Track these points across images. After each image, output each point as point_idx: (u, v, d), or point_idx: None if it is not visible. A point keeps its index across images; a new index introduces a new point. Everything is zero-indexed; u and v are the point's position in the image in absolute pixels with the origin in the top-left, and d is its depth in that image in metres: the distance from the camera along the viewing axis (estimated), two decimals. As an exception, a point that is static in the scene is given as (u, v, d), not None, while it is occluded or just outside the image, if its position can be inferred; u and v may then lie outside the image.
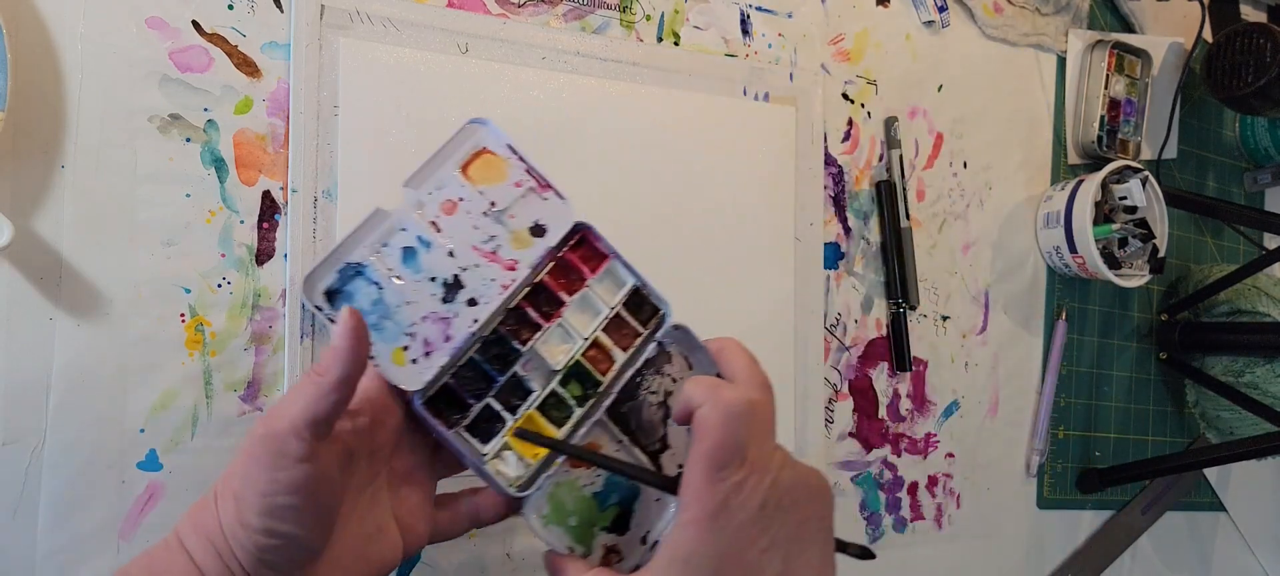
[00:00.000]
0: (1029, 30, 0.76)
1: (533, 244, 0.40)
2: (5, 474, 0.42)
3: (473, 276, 0.39)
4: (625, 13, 0.59)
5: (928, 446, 0.70)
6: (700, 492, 0.33)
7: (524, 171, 0.40)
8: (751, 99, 0.63)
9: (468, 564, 0.53)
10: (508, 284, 0.39)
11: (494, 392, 0.39)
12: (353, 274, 0.38)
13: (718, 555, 0.33)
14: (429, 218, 0.39)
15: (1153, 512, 0.83)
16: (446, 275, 0.39)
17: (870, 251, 0.68)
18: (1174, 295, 0.84)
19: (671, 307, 0.42)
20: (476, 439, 0.39)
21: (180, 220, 0.46)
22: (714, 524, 0.33)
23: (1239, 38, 0.76)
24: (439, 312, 0.38)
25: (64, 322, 0.44)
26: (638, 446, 0.41)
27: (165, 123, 0.46)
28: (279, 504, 0.32)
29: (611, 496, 0.41)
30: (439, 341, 0.38)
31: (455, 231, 0.39)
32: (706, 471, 0.33)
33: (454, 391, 0.39)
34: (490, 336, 0.40)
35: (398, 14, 0.51)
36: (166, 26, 0.46)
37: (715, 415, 0.33)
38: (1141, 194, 0.74)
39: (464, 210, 0.39)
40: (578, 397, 0.41)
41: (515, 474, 0.39)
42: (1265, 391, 0.76)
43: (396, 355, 0.38)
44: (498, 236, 0.40)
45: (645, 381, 0.41)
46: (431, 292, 0.38)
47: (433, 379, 0.38)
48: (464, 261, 0.39)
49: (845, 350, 0.67)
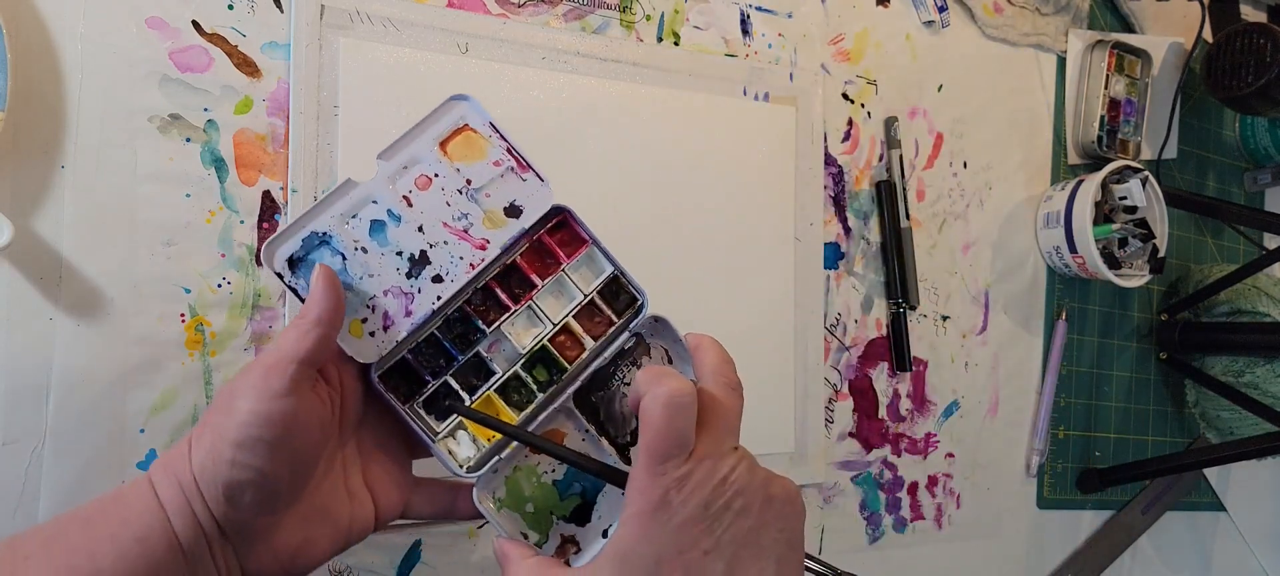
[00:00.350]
0: (1029, 30, 0.76)
1: (506, 224, 0.39)
2: (5, 474, 0.42)
3: (440, 253, 0.38)
4: (625, 13, 0.59)
5: (928, 446, 0.70)
6: (642, 485, 0.32)
7: (504, 150, 0.39)
8: (751, 99, 0.63)
9: (468, 563, 0.53)
10: (476, 263, 0.39)
11: (452, 372, 0.39)
12: (317, 243, 0.37)
13: (656, 553, 0.31)
14: (402, 192, 0.38)
15: (1153, 512, 0.83)
16: (413, 250, 0.38)
17: (870, 251, 0.68)
18: (1174, 295, 0.84)
19: (650, 299, 0.41)
20: (432, 417, 0.39)
21: (180, 220, 0.46)
22: (653, 519, 0.31)
23: (1239, 38, 0.76)
24: (402, 287, 0.38)
25: (64, 322, 0.44)
26: (605, 437, 0.40)
27: (165, 123, 0.46)
28: (253, 435, 0.32)
29: (573, 486, 0.40)
30: (399, 316, 0.38)
31: (427, 207, 0.38)
32: (648, 463, 0.32)
33: (413, 368, 0.39)
34: (454, 315, 0.39)
35: (398, 14, 0.51)
36: (166, 26, 0.46)
37: (656, 404, 0.32)
38: (1141, 194, 0.74)
39: (438, 186, 0.39)
40: (541, 382, 0.40)
41: (467, 455, 0.38)
42: (1265, 391, 0.76)
43: (354, 327, 0.37)
44: (470, 215, 0.39)
45: (620, 372, 0.40)
46: (396, 266, 0.38)
47: (388, 353, 0.38)
48: (433, 238, 0.38)
49: (845, 350, 0.67)
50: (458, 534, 0.52)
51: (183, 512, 0.33)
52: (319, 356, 0.34)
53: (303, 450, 0.34)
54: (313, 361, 0.34)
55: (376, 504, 0.39)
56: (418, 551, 0.51)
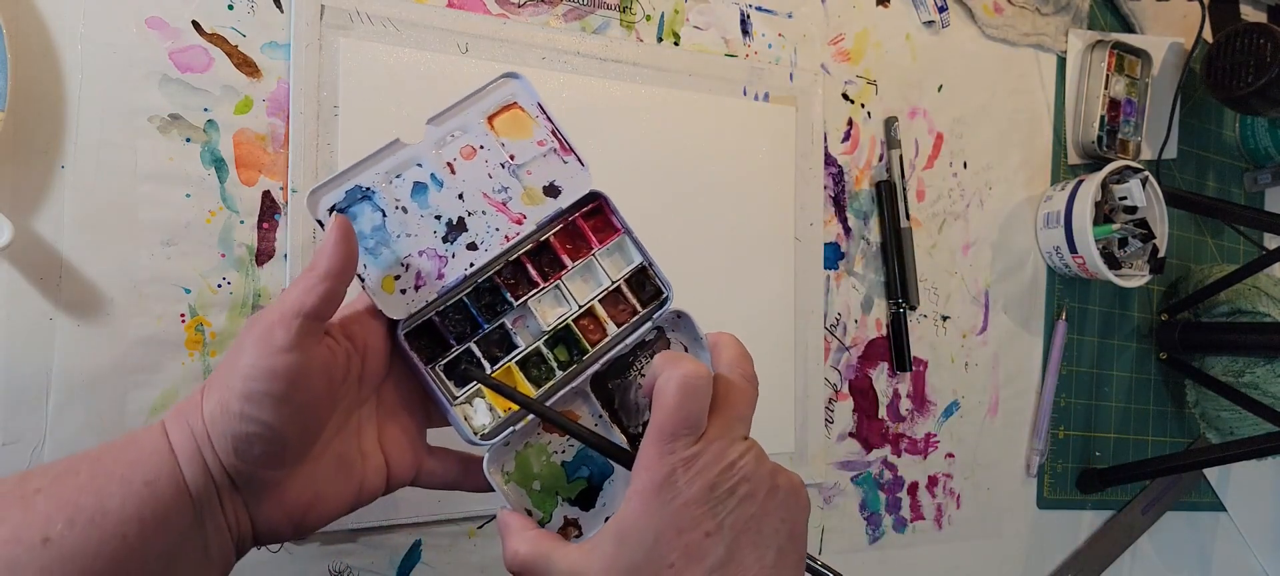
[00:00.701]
0: (1029, 30, 0.76)
1: (544, 203, 0.40)
2: (5, 474, 0.42)
3: (477, 222, 0.39)
4: (625, 13, 0.59)
5: (928, 446, 0.70)
6: (649, 462, 0.32)
7: (549, 132, 0.40)
8: (751, 99, 0.63)
9: (468, 563, 0.53)
10: (511, 236, 0.39)
11: (476, 339, 0.39)
12: (360, 197, 0.38)
13: (656, 530, 0.32)
14: (446, 159, 0.39)
15: (1153, 512, 0.83)
16: (452, 216, 0.39)
17: (870, 251, 0.68)
18: (1174, 295, 0.84)
19: (675, 293, 0.42)
20: (453, 381, 0.39)
21: (180, 220, 0.46)
22: (657, 496, 0.32)
23: (1239, 38, 0.76)
24: (437, 250, 0.38)
25: (64, 322, 0.44)
26: (617, 424, 0.41)
27: (165, 123, 0.46)
28: (258, 389, 0.32)
29: (582, 469, 0.40)
30: (431, 278, 0.38)
31: (469, 176, 0.39)
32: (657, 441, 0.32)
33: (439, 331, 0.39)
34: (484, 284, 0.40)
35: (398, 14, 0.51)
36: (166, 26, 0.46)
37: (671, 383, 0.32)
38: (1141, 194, 0.74)
39: (482, 158, 0.39)
40: (562, 362, 0.40)
41: (482, 422, 0.39)
42: (1265, 391, 0.76)
43: (386, 282, 0.38)
44: (510, 189, 0.40)
45: (638, 362, 0.41)
46: (433, 229, 0.38)
47: (417, 311, 0.38)
48: (471, 206, 0.39)
49: (845, 350, 0.67)
50: (458, 534, 0.52)
51: (193, 460, 0.33)
52: (325, 311, 0.34)
53: (310, 405, 0.34)
54: (318, 315, 0.33)
55: (389, 466, 0.39)
56: (418, 551, 0.51)
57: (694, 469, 0.32)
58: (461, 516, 0.52)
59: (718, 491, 0.32)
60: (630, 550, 0.32)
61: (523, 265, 0.40)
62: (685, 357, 0.34)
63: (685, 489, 0.32)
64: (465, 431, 0.38)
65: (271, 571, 0.48)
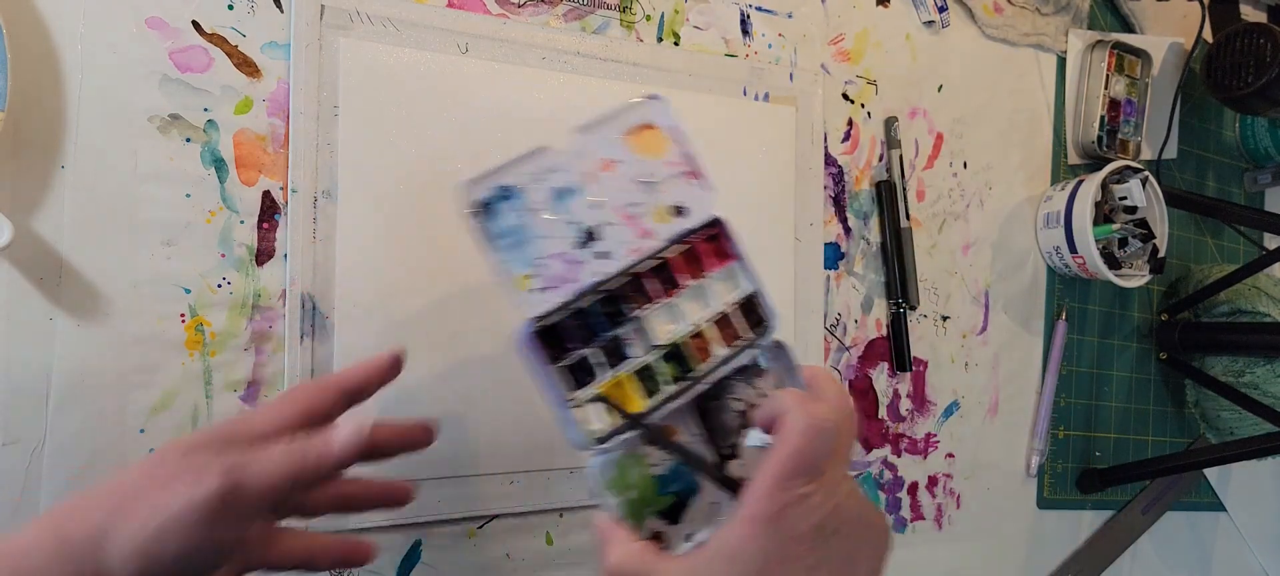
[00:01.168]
0: (1029, 30, 0.76)
1: (671, 221, 0.41)
2: (5, 474, 0.42)
3: (609, 232, 0.40)
4: (625, 13, 0.59)
5: (928, 446, 0.70)
6: (766, 493, 0.33)
7: (681, 155, 0.42)
8: (751, 99, 0.63)
9: (468, 564, 0.53)
10: (637, 249, 0.41)
11: (596, 344, 0.40)
12: (505, 195, 0.39)
13: (764, 556, 0.33)
14: (587, 169, 0.40)
15: (1153, 512, 0.83)
16: (586, 224, 0.40)
17: (870, 251, 0.68)
18: (1174, 295, 0.84)
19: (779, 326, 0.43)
20: (565, 385, 0.40)
21: (180, 220, 0.46)
22: (769, 526, 0.33)
23: (1239, 38, 0.76)
24: (570, 255, 0.39)
25: (64, 322, 0.44)
26: (711, 444, 0.42)
27: (165, 123, 0.46)
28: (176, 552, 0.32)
29: (672, 484, 0.41)
30: (562, 281, 0.39)
31: (606, 188, 0.41)
32: (778, 475, 0.33)
33: (559, 334, 0.40)
34: (606, 293, 0.41)
35: (398, 14, 0.51)
36: (166, 26, 0.46)
37: (802, 424, 0.33)
38: (1141, 194, 0.74)
39: (619, 172, 0.41)
40: (672, 377, 0.41)
41: (596, 427, 0.39)
42: (1265, 391, 0.76)
43: (520, 281, 0.39)
44: (642, 205, 0.41)
45: (734, 387, 0.42)
46: (569, 235, 0.40)
47: (548, 311, 0.39)
48: (605, 217, 0.40)
49: (845, 350, 0.67)
50: (458, 534, 0.52)
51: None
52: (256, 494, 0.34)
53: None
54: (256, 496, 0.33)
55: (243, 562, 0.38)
56: (418, 551, 0.51)
57: (806, 507, 0.33)
58: (461, 516, 0.52)
59: (824, 531, 0.34)
60: (737, 571, 0.33)
61: (641, 280, 0.41)
62: (817, 398, 0.35)
63: (796, 524, 0.33)
64: (578, 435, 0.39)
65: (271, 571, 0.48)
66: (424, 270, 0.51)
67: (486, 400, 0.53)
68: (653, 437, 0.40)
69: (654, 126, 0.42)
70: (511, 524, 0.54)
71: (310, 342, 0.48)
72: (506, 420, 0.53)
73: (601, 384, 0.39)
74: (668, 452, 0.40)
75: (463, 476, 0.52)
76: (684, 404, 0.41)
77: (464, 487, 0.52)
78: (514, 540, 0.54)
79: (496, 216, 0.39)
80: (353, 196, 0.49)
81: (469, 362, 0.52)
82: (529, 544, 0.55)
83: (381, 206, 0.50)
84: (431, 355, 0.51)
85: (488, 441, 0.53)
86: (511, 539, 0.54)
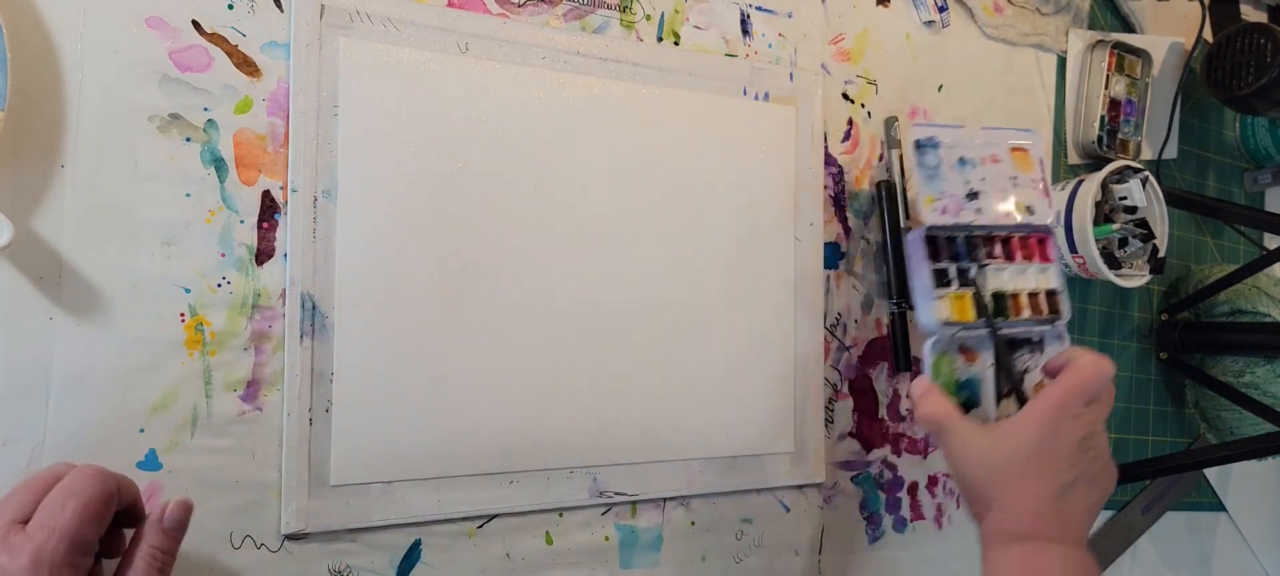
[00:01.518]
0: (1029, 30, 0.76)
1: (1022, 215, 0.57)
2: (5, 474, 0.42)
3: (985, 200, 0.56)
4: (625, 13, 0.59)
5: (928, 446, 0.70)
6: (1053, 403, 0.46)
7: (1040, 176, 0.58)
8: (752, 99, 0.63)
9: (468, 564, 0.53)
10: (998, 219, 0.56)
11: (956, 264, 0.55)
12: (933, 144, 0.56)
13: (1039, 444, 0.45)
14: (981, 154, 0.57)
15: (1153, 512, 0.83)
16: (973, 187, 0.56)
17: (870, 251, 0.68)
18: (1174, 295, 0.84)
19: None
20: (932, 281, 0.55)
21: (180, 220, 0.46)
22: (1048, 427, 0.45)
23: (1239, 38, 0.76)
24: (959, 201, 0.56)
25: (64, 323, 0.44)
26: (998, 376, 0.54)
27: (165, 122, 0.46)
28: None
29: (964, 391, 0.54)
30: (950, 213, 0.55)
31: (990, 172, 0.57)
32: (1065, 393, 0.46)
33: (936, 244, 0.55)
34: (973, 235, 0.56)
35: (398, 14, 0.51)
36: (166, 26, 0.46)
37: (1091, 365, 0.47)
38: (1142, 194, 0.74)
39: (1000, 167, 0.57)
40: (992, 314, 0.54)
41: (944, 315, 0.53)
42: (1265, 391, 0.76)
43: (928, 200, 0.55)
44: (1008, 194, 0.57)
45: (1019, 350, 0.55)
46: (961, 189, 0.56)
47: (938, 226, 0.55)
48: (984, 188, 0.56)
49: (845, 350, 0.67)
50: (458, 534, 0.52)
51: None
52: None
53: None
54: None
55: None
56: (418, 551, 0.51)
57: (1076, 423, 0.46)
58: (461, 516, 0.52)
59: (1081, 448, 0.46)
60: (1016, 444, 0.46)
61: (994, 239, 0.57)
62: (1102, 356, 0.48)
63: (1066, 434, 0.46)
64: (930, 317, 0.53)
65: (272, 571, 0.48)
66: (424, 269, 0.51)
67: (486, 399, 0.53)
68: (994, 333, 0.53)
69: (1027, 151, 0.59)
70: (511, 524, 0.54)
71: (310, 342, 0.48)
72: (506, 420, 0.53)
73: (951, 293, 0.54)
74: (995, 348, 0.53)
75: (463, 476, 0.52)
76: (996, 336, 0.54)
77: (464, 487, 0.52)
78: (514, 540, 0.54)
79: (924, 153, 0.56)
80: (352, 196, 0.49)
81: (469, 362, 0.52)
82: (529, 544, 0.55)
83: (381, 206, 0.50)
84: (431, 355, 0.51)
85: (488, 441, 0.53)
86: (511, 539, 0.54)
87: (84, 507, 0.36)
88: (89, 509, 0.37)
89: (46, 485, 0.38)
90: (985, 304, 0.54)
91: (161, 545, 0.40)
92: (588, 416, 0.56)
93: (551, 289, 0.55)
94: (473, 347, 0.52)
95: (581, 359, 0.56)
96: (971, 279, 0.55)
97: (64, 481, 0.37)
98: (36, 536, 0.35)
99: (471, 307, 0.52)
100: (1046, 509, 0.45)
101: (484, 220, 0.53)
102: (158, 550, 0.40)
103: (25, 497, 0.37)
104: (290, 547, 0.48)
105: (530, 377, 0.54)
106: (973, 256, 0.56)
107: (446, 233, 0.52)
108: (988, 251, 0.57)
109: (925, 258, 0.54)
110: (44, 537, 0.35)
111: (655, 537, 0.59)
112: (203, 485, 0.46)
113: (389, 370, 0.50)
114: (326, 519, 0.48)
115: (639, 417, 0.57)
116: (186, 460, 0.46)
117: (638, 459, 0.57)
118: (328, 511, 0.48)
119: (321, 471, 0.48)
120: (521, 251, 0.54)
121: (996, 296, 0.56)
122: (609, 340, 0.56)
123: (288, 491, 0.47)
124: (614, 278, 0.57)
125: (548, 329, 0.55)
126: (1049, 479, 0.45)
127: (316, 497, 0.48)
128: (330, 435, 0.49)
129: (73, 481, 0.37)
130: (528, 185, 0.54)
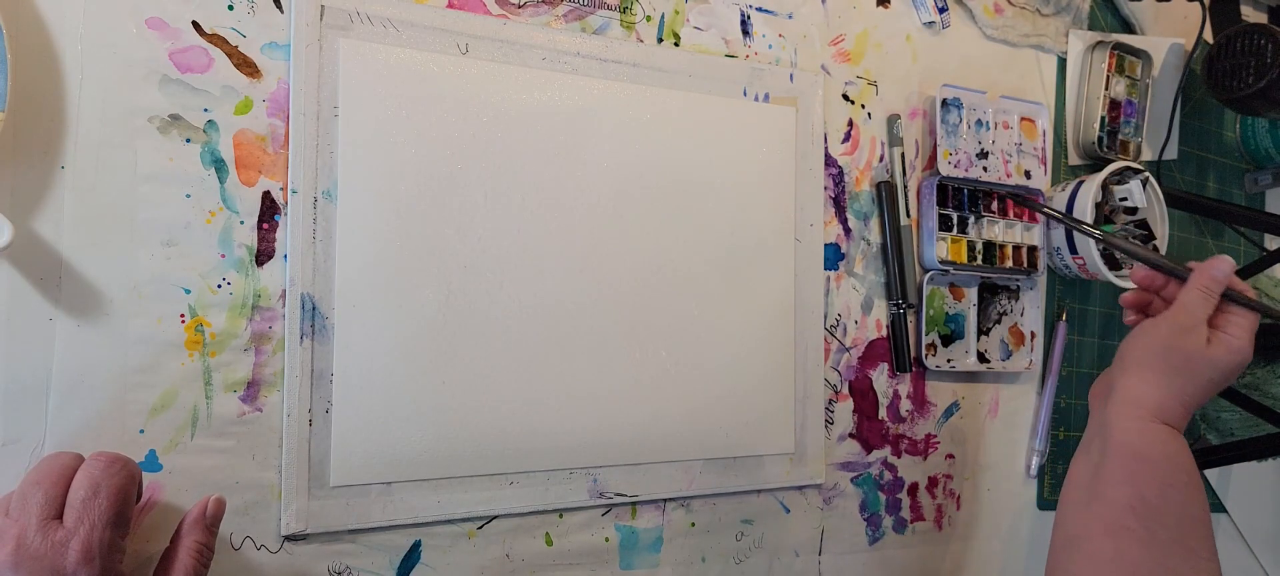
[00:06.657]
0: (1029, 31, 0.76)
1: (1021, 178, 0.71)
2: (5, 474, 0.42)
3: (991, 160, 0.70)
4: (625, 13, 0.59)
5: (928, 447, 0.70)
6: (1198, 285, 0.55)
7: (1042, 145, 0.72)
8: (752, 99, 0.63)
9: (468, 564, 0.53)
10: (1000, 177, 0.70)
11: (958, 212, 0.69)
12: (957, 105, 0.69)
13: (1168, 346, 0.53)
14: (994, 119, 0.71)
15: (1153, 513, 0.82)
16: (984, 147, 0.70)
17: (870, 251, 0.68)
18: (1174, 296, 0.84)
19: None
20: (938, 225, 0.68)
21: (180, 220, 0.46)
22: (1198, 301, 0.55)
23: (1239, 38, 0.76)
24: (970, 157, 0.69)
25: (64, 322, 0.44)
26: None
27: (165, 123, 0.46)
28: None
29: (950, 324, 0.69)
30: (962, 167, 0.68)
31: (1000, 136, 0.70)
32: (1207, 281, 0.55)
33: (946, 192, 0.68)
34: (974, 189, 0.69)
35: (398, 14, 0.51)
36: (166, 26, 0.46)
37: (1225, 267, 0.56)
38: (1142, 195, 0.74)
39: (1009, 133, 0.71)
40: (981, 260, 0.69)
41: (942, 256, 0.67)
42: (1265, 392, 0.76)
43: (945, 153, 0.68)
44: (1012, 158, 0.71)
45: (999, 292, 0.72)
46: (973, 147, 0.69)
47: (950, 177, 0.68)
48: (993, 150, 0.70)
49: (845, 351, 0.67)
50: (458, 534, 0.52)
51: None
52: None
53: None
54: None
55: None
56: (418, 551, 0.51)
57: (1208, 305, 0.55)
58: (461, 516, 0.52)
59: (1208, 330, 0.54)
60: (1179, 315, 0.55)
61: (993, 195, 0.70)
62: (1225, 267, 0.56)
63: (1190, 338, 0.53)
64: (933, 255, 0.67)
65: (271, 571, 0.48)
66: (424, 270, 0.51)
67: (486, 400, 0.53)
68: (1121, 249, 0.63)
69: (1035, 122, 0.71)
70: (511, 524, 0.54)
71: (310, 343, 0.48)
72: (506, 421, 0.53)
73: (950, 237, 0.67)
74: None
75: (463, 476, 0.52)
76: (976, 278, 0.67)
77: (464, 488, 0.52)
78: (514, 540, 0.54)
79: (948, 112, 0.67)
80: (353, 197, 0.49)
81: (469, 363, 0.52)
82: (529, 544, 0.55)
83: (381, 206, 0.50)
84: (431, 355, 0.51)
85: (488, 441, 0.53)
86: (511, 539, 0.54)
87: (117, 495, 0.39)
88: (121, 496, 0.39)
89: (62, 476, 0.39)
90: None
91: (206, 541, 0.43)
92: (587, 417, 0.56)
93: (551, 289, 0.55)
94: (472, 348, 0.52)
95: (581, 360, 0.56)
96: (967, 226, 0.68)
97: (87, 473, 0.39)
98: (81, 530, 0.37)
99: (471, 308, 0.52)
100: None
101: (484, 221, 0.53)
102: (202, 545, 0.43)
103: (50, 492, 0.38)
104: (290, 548, 0.48)
105: (530, 378, 0.54)
106: (974, 207, 0.69)
107: (446, 233, 0.52)
108: (985, 205, 0.69)
109: (934, 202, 0.66)
110: (87, 529, 0.37)
111: (655, 538, 0.59)
112: (202, 486, 0.46)
113: (389, 371, 0.50)
114: (326, 519, 0.48)
115: (639, 418, 0.57)
116: (186, 461, 0.46)
117: (638, 460, 0.57)
118: (327, 512, 0.48)
119: (321, 472, 0.48)
120: (521, 252, 0.54)
121: (988, 244, 0.69)
122: (609, 341, 0.57)
123: (287, 492, 0.47)
124: (614, 278, 0.57)
125: (547, 329, 0.55)
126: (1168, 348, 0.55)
127: (316, 498, 0.48)
128: (330, 436, 0.49)
129: (96, 473, 0.39)
130: (528, 186, 0.54)
